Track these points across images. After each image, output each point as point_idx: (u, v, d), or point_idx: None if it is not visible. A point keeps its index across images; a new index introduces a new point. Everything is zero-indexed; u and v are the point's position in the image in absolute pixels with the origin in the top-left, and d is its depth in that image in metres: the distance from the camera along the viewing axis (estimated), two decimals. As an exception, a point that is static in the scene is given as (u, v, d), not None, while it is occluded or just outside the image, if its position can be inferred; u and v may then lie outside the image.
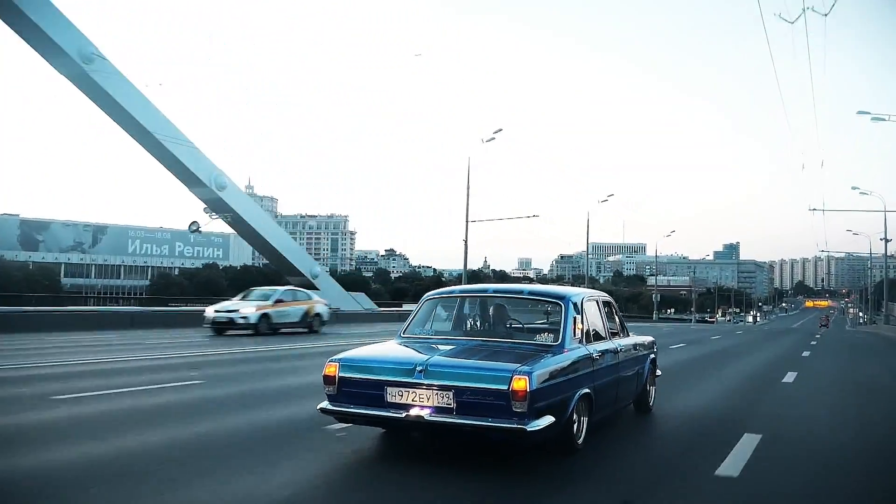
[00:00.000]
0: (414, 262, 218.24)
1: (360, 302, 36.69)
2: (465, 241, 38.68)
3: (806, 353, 18.23)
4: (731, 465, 5.15)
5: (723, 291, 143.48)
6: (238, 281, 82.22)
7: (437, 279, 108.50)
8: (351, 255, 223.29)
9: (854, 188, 35.78)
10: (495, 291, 6.45)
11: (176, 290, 56.87)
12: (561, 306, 5.69)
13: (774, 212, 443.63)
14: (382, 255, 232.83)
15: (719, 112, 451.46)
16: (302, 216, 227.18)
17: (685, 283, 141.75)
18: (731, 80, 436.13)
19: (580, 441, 5.29)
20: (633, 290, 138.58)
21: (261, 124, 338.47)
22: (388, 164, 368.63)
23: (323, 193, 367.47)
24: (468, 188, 37.67)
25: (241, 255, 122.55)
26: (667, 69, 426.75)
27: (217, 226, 36.25)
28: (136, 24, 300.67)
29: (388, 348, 5.75)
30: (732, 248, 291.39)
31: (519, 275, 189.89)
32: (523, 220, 52.71)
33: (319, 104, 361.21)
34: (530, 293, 6.47)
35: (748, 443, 5.85)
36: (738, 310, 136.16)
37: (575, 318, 5.60)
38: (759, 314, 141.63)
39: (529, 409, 4.57)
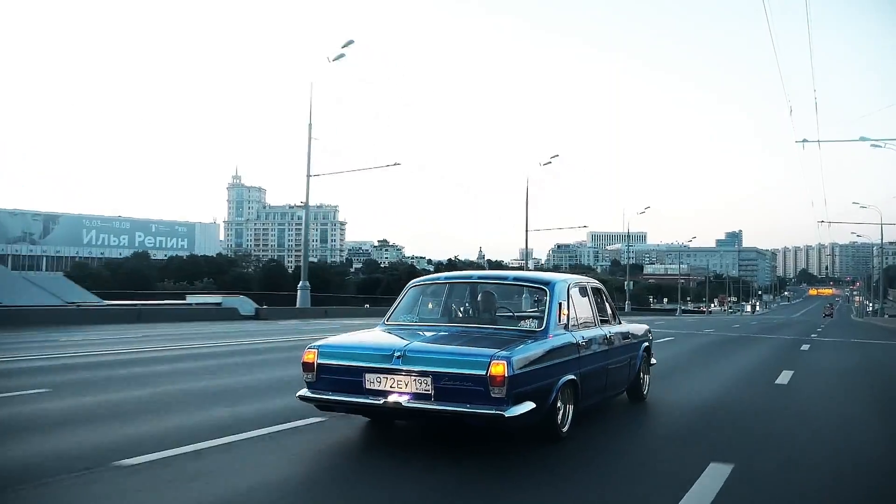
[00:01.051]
0: (408, 252, 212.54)
1: (56, 294, 24.53)
2: (306, 204, 30.98)
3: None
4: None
5: (722, 280, 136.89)
6: (183, 271, 75.49)
7: (411, 269, 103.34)
8: (341, 246, 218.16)
9: (863, 139, 28.69)
10: (480, 278, 6.34)
11: (90, 283, 49.83)
12: (546, 292, 5.60)
13: (778, 202, 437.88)
14: (375, 246, 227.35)
15: (719, 103, 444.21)
16: (290, 206, 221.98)
17: (684, 271, 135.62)
18: (732, 72, 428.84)
19: (565, 429, 5.22)
20: (630, 279, 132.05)
21: (251, 116, 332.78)
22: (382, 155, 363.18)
23: (316, 185, 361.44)
24: (310, 128, 28.94)
25: (208, 245, 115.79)
26: (666, 62, 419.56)
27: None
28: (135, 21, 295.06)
29: (369, 335, 5.70)
30: (735, 237, 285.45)
31: (516, 265, 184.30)
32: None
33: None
34: (515, 279, 6.45)
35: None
36: (734, 299, 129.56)
37: (560, 304, 5.53)
38: (757, 303, 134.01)
39: (508, 394, 4.51)
